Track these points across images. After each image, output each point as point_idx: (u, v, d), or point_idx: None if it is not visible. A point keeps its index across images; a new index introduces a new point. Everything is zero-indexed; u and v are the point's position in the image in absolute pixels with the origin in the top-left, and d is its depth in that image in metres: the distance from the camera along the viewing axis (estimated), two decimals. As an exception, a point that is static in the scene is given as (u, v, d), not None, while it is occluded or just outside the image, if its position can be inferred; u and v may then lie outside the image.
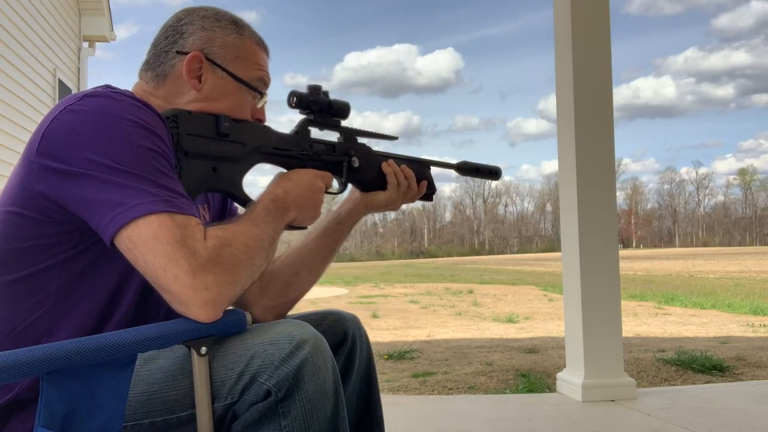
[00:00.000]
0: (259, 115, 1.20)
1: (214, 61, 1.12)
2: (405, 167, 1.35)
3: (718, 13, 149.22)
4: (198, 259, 0.90)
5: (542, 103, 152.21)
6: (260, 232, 1.01)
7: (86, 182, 0.92)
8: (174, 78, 1.12)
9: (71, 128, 0.94)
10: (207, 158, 1.08)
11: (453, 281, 20.23)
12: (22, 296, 1.00)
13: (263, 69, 1.18)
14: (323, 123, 1.25)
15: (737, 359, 4.67)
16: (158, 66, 1.14)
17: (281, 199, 1.10)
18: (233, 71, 1.13)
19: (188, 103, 1.11)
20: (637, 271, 22.74)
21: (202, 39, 1.13)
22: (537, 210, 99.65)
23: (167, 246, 0.89)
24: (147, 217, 0.90)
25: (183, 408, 0.95)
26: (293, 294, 1.29)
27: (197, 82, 1.12)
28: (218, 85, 1.13)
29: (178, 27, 1.14)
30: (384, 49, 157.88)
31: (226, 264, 0.93)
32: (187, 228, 0.92)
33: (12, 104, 6.61)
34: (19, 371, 0.83)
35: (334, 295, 14.35)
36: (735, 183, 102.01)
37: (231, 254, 0.94)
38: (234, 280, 0.94)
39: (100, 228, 0.92)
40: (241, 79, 1.14)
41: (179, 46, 1.12)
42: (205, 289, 0.90)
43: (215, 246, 0.93)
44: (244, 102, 1.16)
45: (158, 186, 0.93)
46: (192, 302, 0.90)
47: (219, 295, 0.91)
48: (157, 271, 0.90)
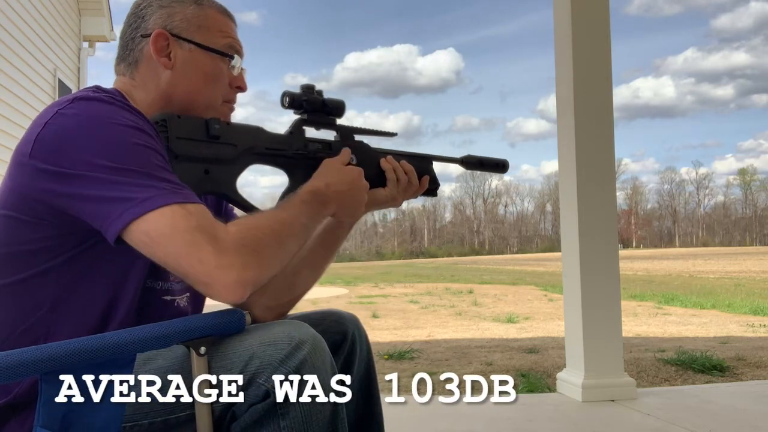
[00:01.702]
0: (239, 82, 1.19)
1: (179, 35, 1.12)
2: (405, 163, 1.33)
3: (717, 13, 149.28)
4: (221, 242, 0.91)
5: (542, 103, 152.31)
6: (289, 217, 1.02)
7: (88, 183, 0.91)
8: (146, 62, 1.12)
9: (65, 132, 0.94)
10: (198, 161, 1.07)
11: (453, 281, 20.23)
12: (18, 301, 0.99)
13: (230, 35, 1.17)
14: (318, 122, 1.25)
15: (737, 359, 4.67)
16: (128, 55, 1.14)
17: (322, 192, 1.11)
18: (199, 41, 1.13)
19: (166, 84, 1.11)
20: (637, 271, 22.74)
21: (162, 16, 1.13)
22: (537, 210, 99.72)
23: (186, 234, 0.89)
24: (159, 210, 0.90)
25: (182, 408, 0.95)
26: (294, 293, 1.29)
27: (167, 59, 1.11)
28: (188, 59, 1.12)
29: (138, 12, 1.15)
30: (384, 50, 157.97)
31: (250, 245, 0.93)
32: (203, 214, 0.93)
33: (12, 104, 6.61)
34: (19, 371, 0.83)
35: (334, 295, 14.34)
36: (735, 183, 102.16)
37: (255, 236, 0.95)
38: (260, 261, 0.94)
39: (108, 223, 0.91)
40: (209, 47, 1.13)
41: (143, 30, 1.13)
42: (231, 267, 0.90)
43: (238, 230, 0.94)
44: (219, 71, 1.15)
45: (161, 180, 0.93)
46: (218, 281, 0.90)
47: (245, 275, 0.91)
48: (180, 258, 0.89)
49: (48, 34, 7.62)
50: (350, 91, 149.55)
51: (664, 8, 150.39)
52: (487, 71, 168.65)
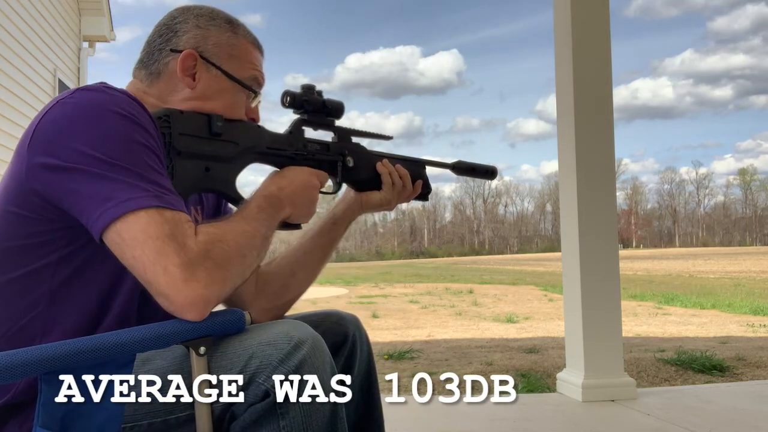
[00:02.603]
0: (253, 114, 1.19)
1: (209, 59, 1.12)
2: (400, 167, 1.34)
3: (714, 16, 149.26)
4: (188, 253, 0.89)
5: (541, 104, 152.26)
6: (252, 230, 1.00)
7: (76, 176, 0.91)
8: (168, 76, 1.12)
9: (63, 120, 0.94)
10: (200, 158, 1.07)
11: (453, 281, 20.23)
12: (15, 297, 0.99)
13: (257, 68, 1.18)
14: (317, 123, 1.25)
15: (737, 359, 4.67)
16: (152, 64, 1.14)
17: (275, 196, 1.09)
18: (227, 70, 1.13)
19: (182, 101, 1.11)
20: (637, 271, 22.74)
21: (197, 37, 1.13)
22: (537, 210, 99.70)
23: (156, 240, 0.88)
24: (136, 213, 0.89)
25: (182, 408, 0.95)
26: (290, 295, 1.29)
27: (191, 80, 1.11)
28: (212, 84, 1.12)
29: (172, 25, 1.14)
30: (387, 51, 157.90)
31: (216, 260, 0.92)
32: (177, 223, 0.91)
33: (12, 104, 6.61)
34: (18, 371, 0.83)
35: (334, 295, 14.35)
36: (735, 183, 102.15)
37: (222, 250, 0.93)
38: (224, 277, 0.92)
39: (90, 223, 0.91)
40: (235, 78, 1.14)
41: (173, 44, 1.12)
42: (195, 282, 0.88)
43: (206, 241, 0.92)
44: (238, 101, 1.15)
45: (148, 181, 0.92)
46: (180, 296, 0.88)
47: (209, 292, 0.89)
48: (146, 264, 0.88)
49: (48, 34, 7.62)
50: (351, 92, 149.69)
51: (662, 11, 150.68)
52: (487, 72, 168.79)
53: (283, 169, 1.16)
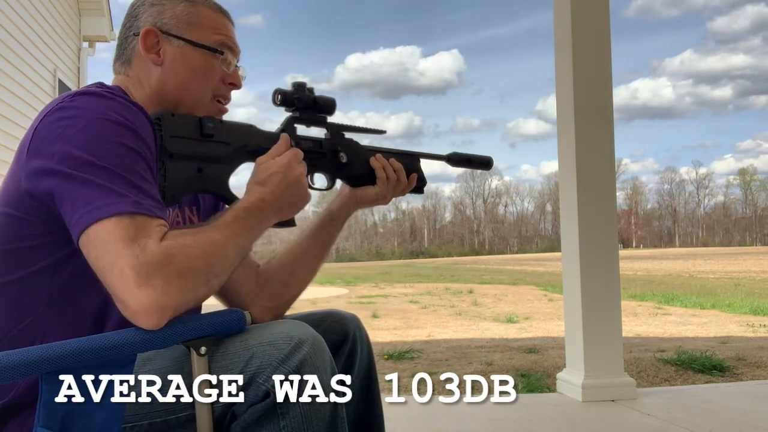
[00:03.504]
0: (232, 79, 1.19)
1: (168, 32, 1.13)
2: (393, 161, 1.34)
3: (714, 16, 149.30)
4: (146, 256, 0.86)
5: (541, 104, 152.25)
6: (224, 239, 0.97)
7: (63, 179, 0.91)
8: (138, 59, 1.14)
9: (59, 124, 0.95)
10: (192, 159, 1.07)
11: (453, 281, 20.22)
12: (15, 300, 1.00)
13: (222, 32, 1.17)
14: (309, 120, 1.25)
15: (737, 359, 4.67)
16: (123, 54, 1.16)
17: (257, 207, 1.05)
18: (189, 37, 1.13)
19: (158, 80, 1.12)
20: (637, 271, 22.74)
21: (153, 14, 1.14)
22: (537, 210, 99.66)
23: (118, 242, 0.87)
24: (110, 218, 0.88)
25: (182, 408, 0.95)
26: (290, 293, 1.29)
27: (156, 56, 1.13)
28: (177, 55, 1.13)
29: (132, 12, 1.16)
30: (387, 51, 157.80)
31: (178, 267, 0.88)
32: (145, 228, 0.89)
33: (12, 104, 6.61)
34: (19, 371, 0.83)
35: (334, 295, 14.35)
36: (735, 183, 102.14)
37: (185, 257, 0.90)
38: (184, 286, 0.89)
39: (70, 227, 0.92)
40: (197, 43, 1.14)
41: (135, 29, 1.14)
42: (149, 288, 0.85)
43: (170, 246, 0.89)
44: (210, 66, 1.15)
45: (131, 186, 0.92)
46: (134, 301, 0.85)
47: (165, 299, 0.86)
48: (105, 267, 0.87)
49: (48, 34, 7.62)
50: (351, 92, 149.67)
51: (661, 11, 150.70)
52: (487, 72, 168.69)
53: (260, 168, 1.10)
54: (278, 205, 1.08)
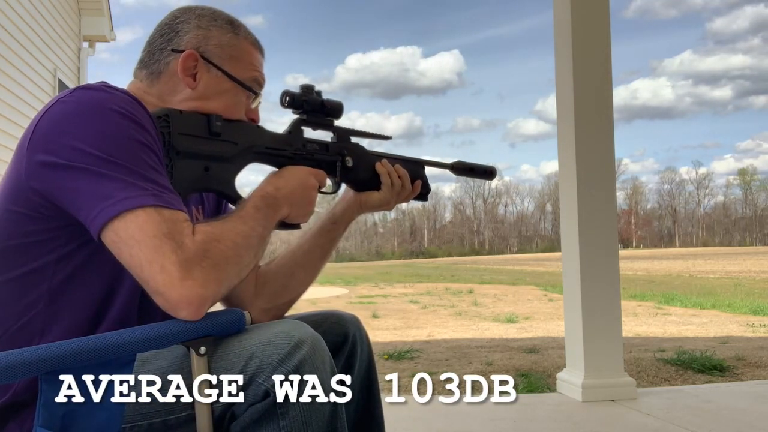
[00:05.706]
0: (253, 115, 1.19)
1: (210, 59, 1.12)
2: (399, 167, 1.34)
3: (713, 16, 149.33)
4: (186, 252, 0.89)
5: (541, 104, 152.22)
6: (249, 230, 1.00)
7: (74, 174, 0.91)
8: (168, 76, 1.12)
9: (62, 118, 0.94)
10: (199, 158, 1.07)
11: (453, 281, 20.23)
12: (15, 297, 0.99)
13: (258, 69, 1.18)
14: (316, 123, 1.25)
15: (737, 359, 4.67)
16: (153, 64, 1.14)
17: (272, 196, 1.09)
18: (228, 70, 1.13)
19: (182, 101, 1.11)
20: (637, 271, 22.74)
21: (198, 37, 1.13)
22: (537, 210, 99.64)
23: (154, 239, 0.88)
24: (134, 211, 0.89)
25: (182, 409, 0.95)
26: (289, 295, 1.29)
27: (192, 80, 1.12)
28: (213, 84, 1.13)
29: (174, 25, 1.14)
30: (388, 51, 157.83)
31: (214, 259, 0.92)
32: (175, 222, 0.91)
33: (12, 104, 6.61)
34: (19, 371, 0.83)
35: (334, 295, 14.35)
36: (735, 183, 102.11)
37: (219, 250, 0.93)
38: (220, 277, 0.92)
39: (88, 222, 0.91)
40: (235, 79, 1.14)
41: (175, 44, 1.12)
42: (192, 281, 0.88)
43: (203, 240, 0.92)
44: (239, 102, 1.15)
45: (147, 180, 0.92)
46: (176, 294, 0.88)
47: (205, 291, 0.89)
48: (142, 262, 0.88)
49: (48, 34, 7.62)
50: (351, 92, 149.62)
51: (661, 11, 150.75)
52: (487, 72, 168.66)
53: (281, 169, 1.16)
54: (291, 199, 1.11)
